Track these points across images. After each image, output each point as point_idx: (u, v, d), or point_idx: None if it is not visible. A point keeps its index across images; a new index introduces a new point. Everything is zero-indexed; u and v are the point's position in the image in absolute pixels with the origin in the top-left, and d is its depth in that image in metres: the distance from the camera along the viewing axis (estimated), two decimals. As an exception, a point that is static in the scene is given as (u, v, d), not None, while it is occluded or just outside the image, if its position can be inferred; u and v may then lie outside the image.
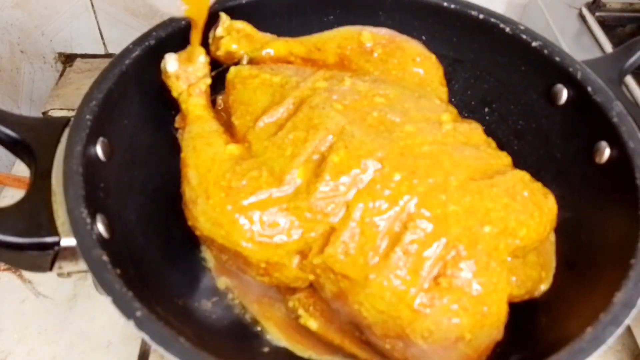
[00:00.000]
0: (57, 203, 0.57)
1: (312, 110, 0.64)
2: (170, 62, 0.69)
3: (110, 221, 0.59)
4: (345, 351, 0.66)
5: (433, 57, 0.74)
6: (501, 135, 0.80)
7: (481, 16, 0.77)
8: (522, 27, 0.75)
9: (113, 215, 0.61)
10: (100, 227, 0.57)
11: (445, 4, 0.78)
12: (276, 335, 0.69)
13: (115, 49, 1.16)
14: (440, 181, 0.59)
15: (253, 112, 0.67)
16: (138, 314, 0.49)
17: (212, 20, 0.74)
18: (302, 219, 0.59)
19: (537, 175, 0.66)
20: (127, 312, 0.49)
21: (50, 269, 0.58)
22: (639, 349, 0.79)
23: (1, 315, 0.80)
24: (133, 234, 0.65)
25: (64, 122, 0.64)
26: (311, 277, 0.61)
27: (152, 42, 0.71)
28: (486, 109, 0.82)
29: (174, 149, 0.75)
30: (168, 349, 0.48)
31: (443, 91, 0.74)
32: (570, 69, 0.71)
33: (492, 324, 0.57)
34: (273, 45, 0.75)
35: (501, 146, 0.75)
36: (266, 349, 0.68)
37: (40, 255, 0.56)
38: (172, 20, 0.73)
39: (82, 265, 0.54)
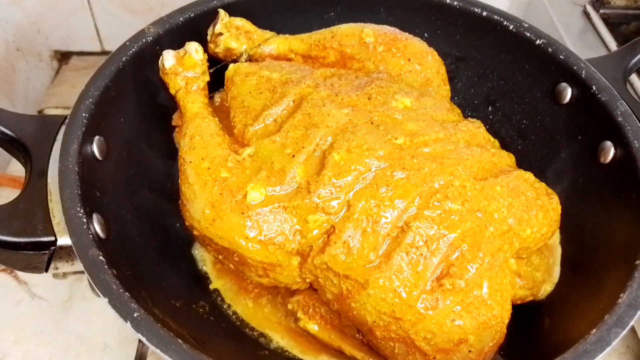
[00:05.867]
0: (52, 202, 0.57)
1: (313, 108, 0.63)
2: (168, 59, 0.69)
3: (106, 221, 0.59)
4: (345, 354, 0.65)
5: (435, 55, 0.73)
6: (505, 134, 0.80)
7: (484, 13, 0.77)
8: (526, 25, 0.75)
9: (109, 214, 0.60)
10: (97, 227, 0.56)
11: (448, 0, 0.78)
12: (275, 338, 0.68)
13: (112, 46, 1.15)
14: (443, 181, 0.58)
15: (252, 110, 0.66)
16: (135, 315, 0.49)
17: (210, 17, 0.73)
18: (302, 218, 0.58)
19: (541, 175, 0.66)
20: (124, 314, 0.49)
21: (46, 269, 0.58)
22: (644, 350, 0.79)
23: (-4, 317, 0.80)
24: (129, 234, 0.64)
25: (60, 120, 0.63)
26: (311, 278, 0.61)
27: (149, 38, 0.70)
28: (490, 108, 0.82)
29: (171, 147, 0.75)
30: (166, 351, 0.47)
31: (446, 89, 0.73)
32: (575, 68, 0.71)
33: (496, 325, 0.57)
34: (273, 43, 0.75)
35: (505, 145, 0.75)
36: (265, 352, 0.67)
37: (36, 255, 0.56)
38: (169, 16, 0.72)
39: (78, 266, 0.53)
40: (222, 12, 0.73)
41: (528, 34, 0.74)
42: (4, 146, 0.63)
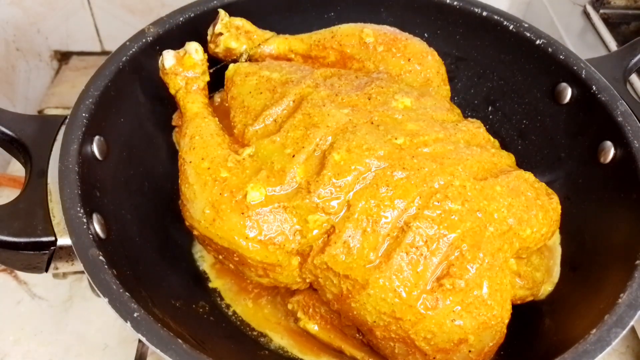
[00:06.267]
0: (52, 202, 0.57)
1: (313, 108, 0.63)
2: (168, 59, 0.69)
3: (106, 221, 0.59)
4: (345, 354, 0.65)
5: (435, 55, 0.73)
6: (505, 134, 0.80)
7: (484, 13, 0.77)
8: (526, 25, 0.75)
9: (109, 214, 0.60)
10: (97, 227, 0.56)
11: (448, 0, 0.78)
12: (275, 338, 0.68)
13: (112, 46, 1.15)
14: (443, 181, 0.58)
15: (252, 110, 0.66)
16: (135, 315, 0.49)
17: (210, 17, 0.73)
18: (302, 218, 0.58)
19: (541, 175, 0.66)
20: (124, 314, 0.49)
21: (46, 269, 0.58)
22: (644, 350, 0.79)
23: (-4, 317, 0.80)
24: (129, 234, 0.64)
25: (60, 120, 0.63)
26: (311, 278, 0.61)
27: (149, 38, 0.70)
28: (490, 108, 0.82)
29: (171, 147, 0.75)
30: (166, 351, 0.47)
31: (446, 89, 0.73)
32: (575, 68, 0.71)
33: (496, 325, 0.57)
34: (273, 42, 0.75)
35: (505, 146, 0.75)
36: (265, 352, 0.67)
37: (36, 255, 0.56)
38: (169, 16, 0.72)
39: (78, 266, 0.53)
40: (222, 12, 0.73)
41: (528, 34, 0.74)
42: (4, 146, 0.63)
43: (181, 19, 0.73)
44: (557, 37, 0.88)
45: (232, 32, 0.73)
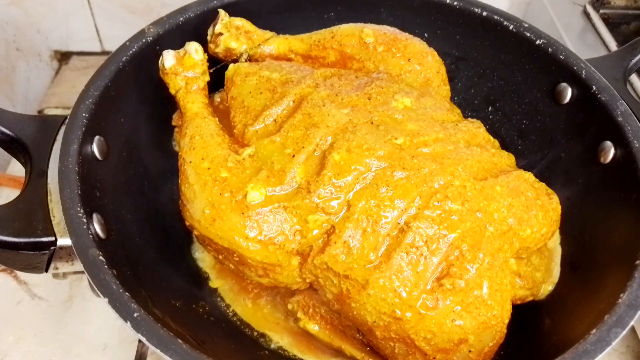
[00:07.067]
0: (52, 202, 0.57)
1: (313, 108, 0.63)
2: (168, 59, 0.69)
3: (106, 221, 0.59)
4: (345, 354, 0.65)
5: (435, 55, 0.73)
6: (505, 134, 0.80)
7: (484, 13, 0.77)
8: (526, 25, 0.75)
9: (109, 214, 0.60)
10: (97, 227, 0.56)
11: (448, 0, 0.78)
12: (275, 338, 0.68)
13: (112, 46, 1.15)
14: (443, 181, 0.58)
15: (252, 110, 0.66)
16: (135, 315, 0.49)
17: (210, 17, 0.73)
18: (302, 218, 0.58)
19: (541, 175, 0.66)
20: (124, 314, 0.49)
21: (46, 269, 0.58)
22: (644, 350, 0.79)
23: (-4, 317, 0.80)
24: (129, 234, 0.64)
25: (60, 120, 0.63)
26: (311, 278, 0.61)
27: (149, 38, 0.70)
28: (490, 108, 0.82)
29: (171, 147, 0.75)
30: (166, 351, 0.47)
31: (446, 89, 0.73)
32: (575, 68, 0.71)
33: (496, 325, 0.57)
34: (273, 43, 0.75)
35: (505, 146, 0.75)
36: (265, 352, 0.67)
37: (36, 256, 0.56)
38: (169, 16, 0.72)
39: (77, 266, 0.53)
40: (222, 12, 0.73)
41: (528, 34, 0.74)
42: (4, 146, 0.63)
43: (181, 19, 0.73)
44: (557, 37, 0.88)
45: (232, 32, 0.73)
